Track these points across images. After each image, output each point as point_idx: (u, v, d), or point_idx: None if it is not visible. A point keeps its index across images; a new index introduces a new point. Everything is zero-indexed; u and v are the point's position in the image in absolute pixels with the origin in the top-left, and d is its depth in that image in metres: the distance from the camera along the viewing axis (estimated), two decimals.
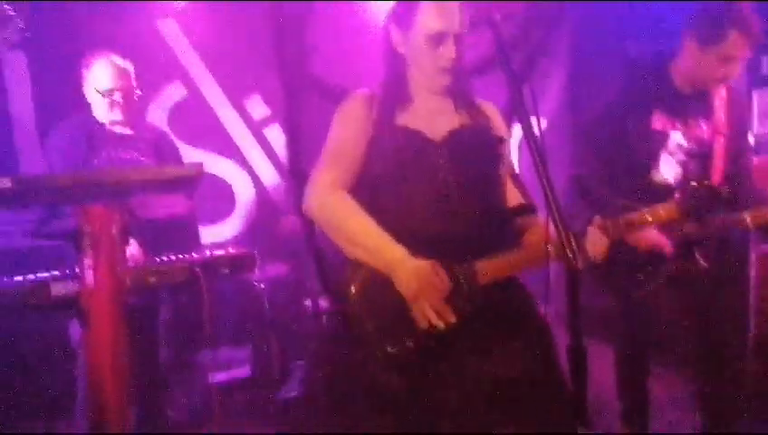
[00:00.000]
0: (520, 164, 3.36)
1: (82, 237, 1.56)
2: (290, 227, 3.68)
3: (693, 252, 2.28)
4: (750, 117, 2.56)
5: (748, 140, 2.53)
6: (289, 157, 4.01)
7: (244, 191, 4.13)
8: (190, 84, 3.95)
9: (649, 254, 2.27)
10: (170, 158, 2.84)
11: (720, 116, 2.33)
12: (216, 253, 2.39)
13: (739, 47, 2.19)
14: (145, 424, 2.59)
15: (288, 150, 4.00)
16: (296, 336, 3.52)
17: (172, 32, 3.88)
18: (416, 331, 1.61)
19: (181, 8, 3.83)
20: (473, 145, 1.72)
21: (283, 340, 3.58)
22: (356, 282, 1.66)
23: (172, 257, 2.29)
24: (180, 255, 2.33)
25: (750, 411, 2.49)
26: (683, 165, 2.33)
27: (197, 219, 3.11)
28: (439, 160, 1.67)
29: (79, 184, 1.57)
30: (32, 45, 3.23)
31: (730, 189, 1.90)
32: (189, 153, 3.65)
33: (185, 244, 2.54)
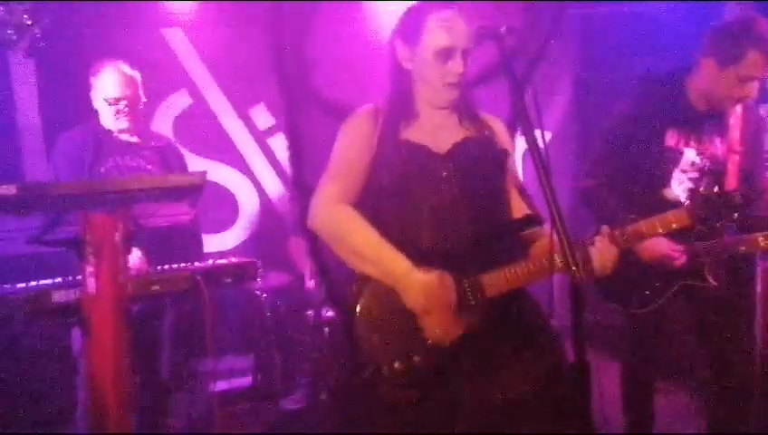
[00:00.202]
0: (524, 175, 3.35)
1: (85, 245, 1.56)
2: (298, 249, 3.66)
3: (702, 271, 2.26)
4: (765, 135, 2.51)
5: (763, 159, 2.49)
6: (292, 170, 4.01)
7: (247, 200, 4.13)
8: (195, 93, 3.97)
9: (658, 268, 2.25)
10: (176, 166, 2.85)
11: (735, 134, 2.30)
12: (219, 262, 2.39)
13: (759, 67, 2.15)
14: (146, 432, 2.58)
15: (291, 163, 4.00)
16: (298, 346, 3.51)
17: (178, 40, 3.90)
18: (423, 346, 1.60)
19: (188, 18, 3.86)
20: (477, 158, 1.71)
21: (286, 350, 3.57)
22: (363, 297, 1.65)
23: (175, 266, 2.29)
24: (183, 263, 2.33)
25: (757, 427, 2.47)
26: (695, 182, 2.30)
27: (200, 228, 3.12)
28: (444, 173, 1.67)
29: (82, 192, 1.57)
30: (39, 53, 3.25)
31: (743, 196, 1.85)
32: (193, 161, 3.65)
33: (188, 252, 2.55)
